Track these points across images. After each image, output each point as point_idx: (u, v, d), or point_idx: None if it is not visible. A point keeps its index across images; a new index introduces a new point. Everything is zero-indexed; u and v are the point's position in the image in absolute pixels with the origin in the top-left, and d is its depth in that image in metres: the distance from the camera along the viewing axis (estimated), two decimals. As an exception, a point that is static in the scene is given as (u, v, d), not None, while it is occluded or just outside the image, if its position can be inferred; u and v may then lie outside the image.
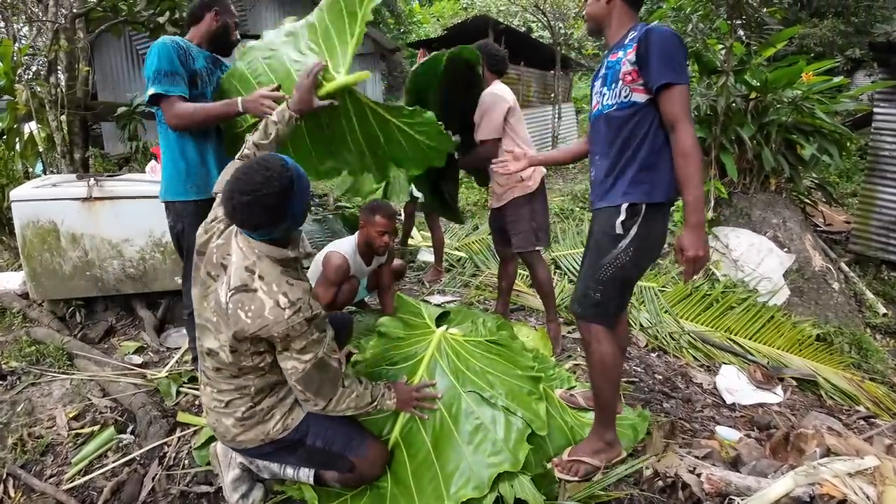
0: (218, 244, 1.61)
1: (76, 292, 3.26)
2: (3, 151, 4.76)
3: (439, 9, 20.62)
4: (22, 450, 2.24)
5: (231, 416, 1.63)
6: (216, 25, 2.35)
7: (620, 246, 1.85)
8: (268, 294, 1.48)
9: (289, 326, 1.46)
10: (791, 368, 3.61)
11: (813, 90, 5.45)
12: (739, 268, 4.96)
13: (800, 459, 1.98)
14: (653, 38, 1.72)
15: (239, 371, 1.59)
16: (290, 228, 1.58)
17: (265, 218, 1.46)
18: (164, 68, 2.09)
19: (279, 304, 1.47)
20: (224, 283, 1.53)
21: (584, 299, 1.96)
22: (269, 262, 1.53)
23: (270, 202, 1.44)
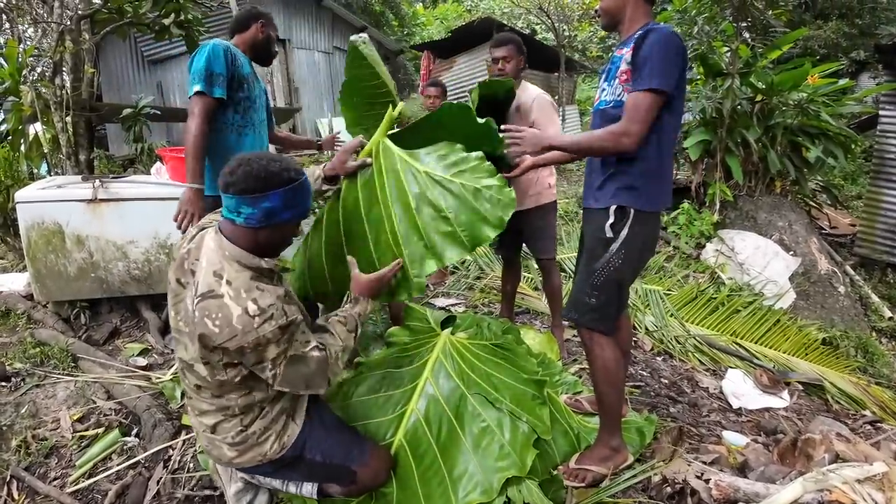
0: (189, 248, 1.52)
1: (81, 294, 3.26)
2: (8, 152, 4.77)
3: (443, 11, 20.65)
4: (26, 452, 2.23)
5: (223, 442, 1.55)
6: (261, 37, 2.55)
7: (611, 249, 1.85)
8: (235, 300, 1.37)
9: (259, 336, 1.35)
10: (797, 372, 3.59)
11: (818, 92, 5.44)
12: (745, 271, 4.94)
13: (808, 465, 1.96)
14: (650, 40, 1.70)
15: (219, 389, 1.49)
16: (266, 220, 1.44)
17: (251, 183, 1.40)
18: (211, 69, 2.25)
19: (248, 312, 1.35)
20: (190, 290, 1.44)
21: (581, 305, 1.95)
22: (238, 266, 1.43)
23: (263, 173, 1.41)
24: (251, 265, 1.45)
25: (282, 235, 1.52)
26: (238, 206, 1.42)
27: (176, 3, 4.94)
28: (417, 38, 17.55)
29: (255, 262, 1.46)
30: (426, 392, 2.06)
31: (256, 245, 1.48)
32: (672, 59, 1.70)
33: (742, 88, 5.31)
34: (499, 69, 2.90)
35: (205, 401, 1.53)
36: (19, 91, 4.74)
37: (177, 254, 1.56)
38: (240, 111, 2.45)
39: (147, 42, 9.34)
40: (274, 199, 1.42)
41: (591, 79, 18.16)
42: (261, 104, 2.60)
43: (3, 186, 4.45)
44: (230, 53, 2.33)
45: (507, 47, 2.87)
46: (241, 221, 1.44)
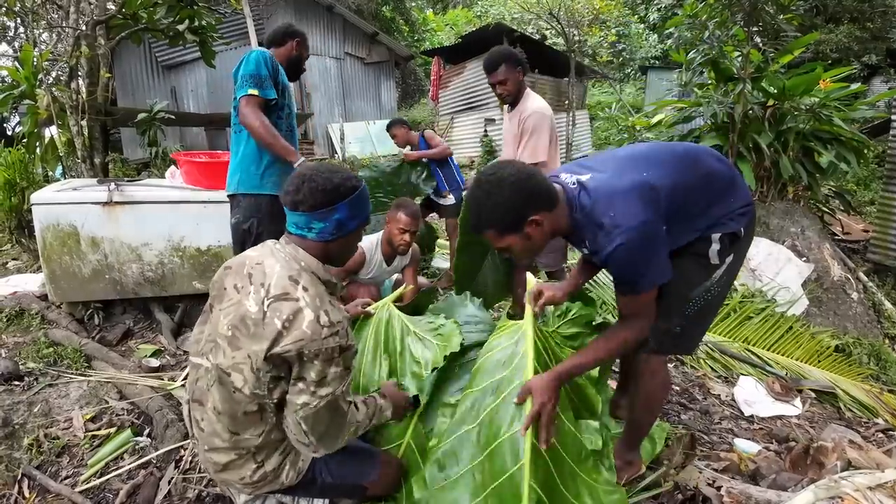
0: (250, 255, 1.52)
1: (95, 295, 3.30)
2: (23, 155, 4.85)
3: (453, 17, 20.73)
4: (38, 451, 2.25)
5: (238, 481, 1.51)
6: (294, 54, 2.71)
7: (714, 277, 1.67)
8: (310, 307, 1.35)
9: (322, 348, 1.33)
10: (810, 380, 3.55)
11: (830, 97, 5.39)
12: (757, 277, 4.90)
13: (820, 473, 1.94)
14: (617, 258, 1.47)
15: (239, 423, 1.43)
16: (337, 232, 1.48)
17: (320, 198, 1.42)
18: (255, 72, 2.39)
19: (319, 321, 1.34)
20: (253, 293, 1.40)
21: (661, 334, 1.70)
22: (313, 277, 1.45)
23: (329, 186, 1.43)
24: (324, 279, 1.48)
25: (349, 244, 1.56)
26: (309, 222, 1.45)
27: (190, 9, 5.01)
28: (427, 44, 17.62)
29: (327, 276, 1.49)
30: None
31: (326, 257, 1.51)
32: (658, 264, 1.50)
33: (753, 93, 5.28)
34: (499, 94, 2.82)
35: (218, 436, 1.46)
36: (35, 94, 4.81)
37: (233, 262, 1.54)
38: (282, 116, 2.60)
39: (161, 47, 9.46)
40: (342, 211, 1.46)
41: (601, 84, 18.15)
42: (294, 113, 2.76)
43: (19, 188, 4.52)
44: (274, 61, 2.49)
45: (501, 69, 2.74)
46: (313, 237, 1.47)
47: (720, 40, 5.25)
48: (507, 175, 1.46)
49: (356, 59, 13.18)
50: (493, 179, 1.47)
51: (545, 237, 1.54)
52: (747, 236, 1.71)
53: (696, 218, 1.60)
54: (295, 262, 1.45)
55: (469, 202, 1.54)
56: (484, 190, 1.48)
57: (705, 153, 1.70)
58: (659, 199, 1.48)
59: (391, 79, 14.37)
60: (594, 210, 1.48)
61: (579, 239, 1.59)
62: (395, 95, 14.93)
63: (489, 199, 1.46)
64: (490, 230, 1.51)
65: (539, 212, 1.47)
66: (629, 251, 1.43)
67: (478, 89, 11.93)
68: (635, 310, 1.57)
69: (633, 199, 1.45)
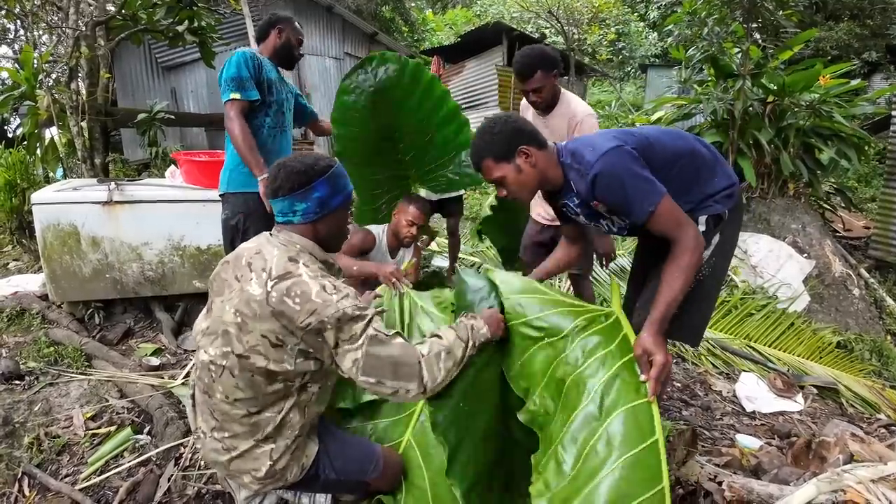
0: (246, 247, 1.53)
1: (95, 294, 3.30)
2: (24, 156, 4.85)
3: (452, 16, 20.72)
4: (38, 449, 2.26)
5: (250, 472, 1.49)
6: (279, 41, 2.65)
7: (703, 257, 1.65)
8: (312, 279, 1.39)
9: (339, 309, 1.35)
10: (811, 376, 3.54)
11: (830, 93, 5.38)
12: (759, 274, 4.89)
13: (822, 467, 1.93)
14: (602, 186, 1.56)
15: (260, 402, 1.44)
16: (321, 210, 1.51)
17: (296, 179, 1.48)
18: (235, 75, 2.40)
19: (325, 290, 1.37)
20: (255, 278, 1.41)
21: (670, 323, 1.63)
22: (311, 256, 1.50)
23: (303, 167, 1.49)
24: (321, 258, 1.52)
25: (337, 224, 1.58)
26: (291, 205, 1.50)
27: (189, 10, 5.01)
28: (427, 44, 17.60)
29: (324, 255, 1.54)
30: None
31: (317, 239, 1.54)
32: (639, 177, 1.55)
33: (753, 90, 5.27)
34: (533, 101, 2.60)
35: (236, 421, 1.45)
36: (35, 96, 4.82)
37: (230, 256, 1.57)
38: (270, 114, 2.60)
39: (161, 48, 9.45)
40: (321, 189, 1.50)
41: (600, 82, 18.13)
42: (288, 107, 2.74)
43: (20, 189, 4.53)
44: (255, 60, 2.49)
45: (538, 75, 2.49)
46: (298, 220, 1.51)
47: (719, 37, 5.24)
48: (499, 117, 1.73)
49: (356, 59, 13.13)
50: (489, 122, 1.71)
51: (536, 174, 1.70)
52: (734, 220, 1.77)
53: (683, 186, 1.67)
54: (291, 245, 1.49)
55: (471, 144, 1.74)
56: (482, 130, 1.71)
57: (692, 136, 1.82)
58: (634, 143, 1.62)
59: (391, 79, 14.37)
60: (575, 152, 1.66)
61: (568, 188, 1.73)
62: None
63: (486, 134, 1.69)
64: (487, 160, 1.70)
65: (528, 145, 1.67)
66: (607, 178, 1.55)
67: (477, 88, 11.92)
68: (669, 224, 1.56)
69: (604, 139, 1.62)
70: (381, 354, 1.39)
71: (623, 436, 1.34)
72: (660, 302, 1.53)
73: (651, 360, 1.42)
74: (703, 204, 1.69)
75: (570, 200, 1.78)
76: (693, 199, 1.69)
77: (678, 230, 1.55)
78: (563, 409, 1.49)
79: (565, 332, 1.62)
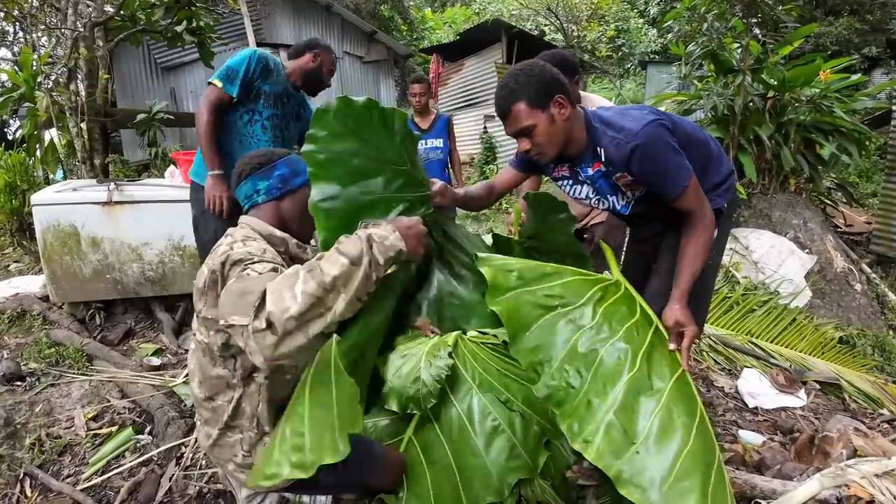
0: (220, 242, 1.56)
1: (96, 295, 3.30)
2: (24, 158, 4.85)
3: (451, 15, 20.69)
4: (40, 450, 2.26)
5: (231, 460, 1.53)
6: (312, 66, 2.62)
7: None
8: (228, 243, 1.42)
9: (225, 254, 1.34)
10: (814, 372, 3.53)
11: (831, 88, 5.36)
12: (760, 269, 4.88)
13: (826, 462, 1.93)
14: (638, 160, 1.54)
15: (211, 387, 1.46)
16: (283, 186, 1.57)
17: (257, 160, 1.56)
18: (232, 66, 2.39)
19: (232, 246, 1.38)
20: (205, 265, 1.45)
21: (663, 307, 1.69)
22: (248, 230, 1.51)
23: (265, 152, 1.59)
24: (262, 231, 1.52)
25: (302, 203, 1.57)
26: (255, 185, 1.56)
27: (188, 10, 5.00)
28: (426, 43, 17.59)
29: (266, 228, 1.53)
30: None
31: (282, 217, 1.58)
32: (677, 153, 1.56)
33: (753, 85, 5.25)
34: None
35: (202, 405, 1.51)
36: (35, 97, 4.82)
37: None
38: (244, 119, 2.52)
39: (160, 49, 9.45)
40: (282, 167, 1.57)
41: (600, 79, 18.10)
42: (272, 126, 2.59)
43: (20, 191, 4.53)
44: (261, 64, 2.44)
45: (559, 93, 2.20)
46: (262, 199, 1.56)
47: (719, 32, 5.22)
48: (536, 62, 1.62)
49: (355, 57, 13.15)
50: (525, 65, 1.60)
51: (565, 129, 1.60)
52: (728, 215, 1.80)
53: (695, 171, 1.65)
54: (246, 229, 1.52)
55: (500, 86, 1.60)
56: (517, 71, 1.58)
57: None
58: (666, 120, 1.58)
59: (390, 77, 14.35)
60: (611, 121, 1.59)
61: (588, 156, 1.66)
62: (394, 94, 14.90)
63: (521, 76, 1.55)
64: (519, 103, 1.55)
65: (564, 94, 1.56)
66: (650, 150, 1.51)
67: (477, 86, 11.90)
68: (696, 200, 1.59)
69: (642, 111, 1.59)
70: (232, 288, 1.18)
71: (683, 405, 1.40)
72: (684, 274, 1.57)
73: (682, 332, 1.48)
74: (708, 195, 1.69)
75: (584, 169, 1.71)
76: (704, 183, 1.69)
77: (702, 207, 1.59)
78: (597, 379, 1.44)
79: (582, 302, 1.57)
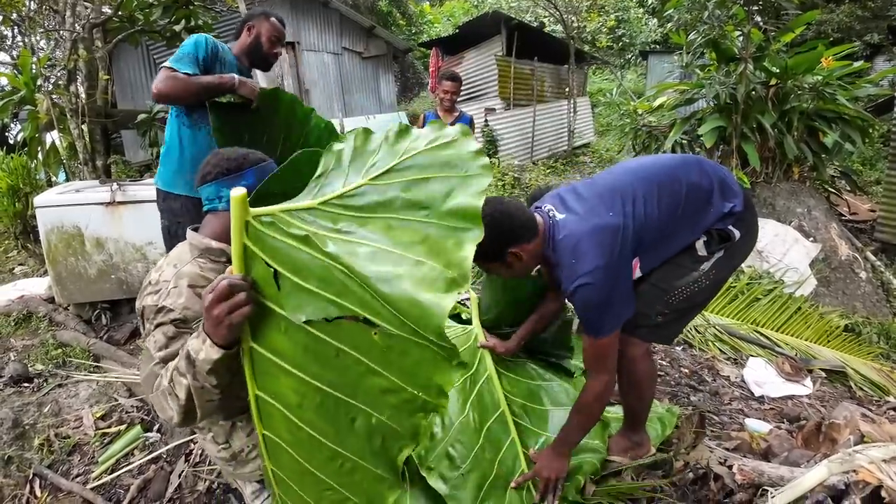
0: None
1: (101, 295, 3.31)
2: (25, 161, 4.86)
3: (450, 8, 20.61)
4: (48, 450, 2.27)
5: (216, 455, 1.55)
6: (248, 40, 2.42)
7: (702, 269, 1.69)
8: (155, 271, 1.42)
9: (140, 306, 1.37)
10: (820, 360, 3.53)
11: (833, 75, 5.33)
12: (765, 258, 4.87)
13: (833, 449, 1.92)
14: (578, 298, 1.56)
15: None
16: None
17: (226, 165, 1.43)
18: (183, 51, 2.18)
19: (150, 281, 1.39)
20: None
21: (642, 319, 1.74)
22: (185, 247, 1.46)
23: (235, 155, 1.46)
24: (200, 246, 1.44)
25: None
26: (218, 190, 1.44)
27: (186, 9, 4.99)
28: (425, 37, 17.51)
29: (203, 242, 1.44)
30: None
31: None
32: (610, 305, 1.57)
33: (756, 73, 5.23)
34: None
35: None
36: (35, 100, 4.82)
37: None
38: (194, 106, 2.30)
39: (159, 49, 9.43)
40: (249, 177, 1.43)
41: (601, 70, 18.03)
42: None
43: (22, 194, 4.53)
44: (211, 46, 2.24)
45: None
46: (223, 206, 1.45)
47: (720, 20, 5.19)
48: (485, 212, 1.49)
49: (354, 53, 13.11)
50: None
51: (527, 265, 1.68)
52: (743, 241, 1.72)
53: (680, 232, 1.68)
54: (181, 249, 1.48)
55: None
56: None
57: (687, 168, 1.71)
58: (624, 237, 1.56)
59: (390, 72, 14.31)
60: (559, 250, 1.60)
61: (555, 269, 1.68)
62: (394, 89, 14.86)
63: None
64: (475, 261, 1.57)
65: (517, 245, 1.61)
66: (588, 292, 1.53)
67: (477, 79, 11.86)
68: (598, 355, 1.63)
69: (592, 245, 1.54)
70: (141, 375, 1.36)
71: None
72: (571, 427, 1.71)
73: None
74: (718, 223, 1.68)
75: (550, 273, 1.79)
76: (699, 229, 1.68)
77: (598, 369, 1.64)
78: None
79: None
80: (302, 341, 1.01)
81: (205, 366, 1.12)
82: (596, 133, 13.13)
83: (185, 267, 1.38)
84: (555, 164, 10.75)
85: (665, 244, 1.68)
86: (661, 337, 1.87)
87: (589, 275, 1.52)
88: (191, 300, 1.32)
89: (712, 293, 1.80)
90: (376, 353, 0.98)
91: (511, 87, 11.18)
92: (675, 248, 1.69)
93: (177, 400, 1.20)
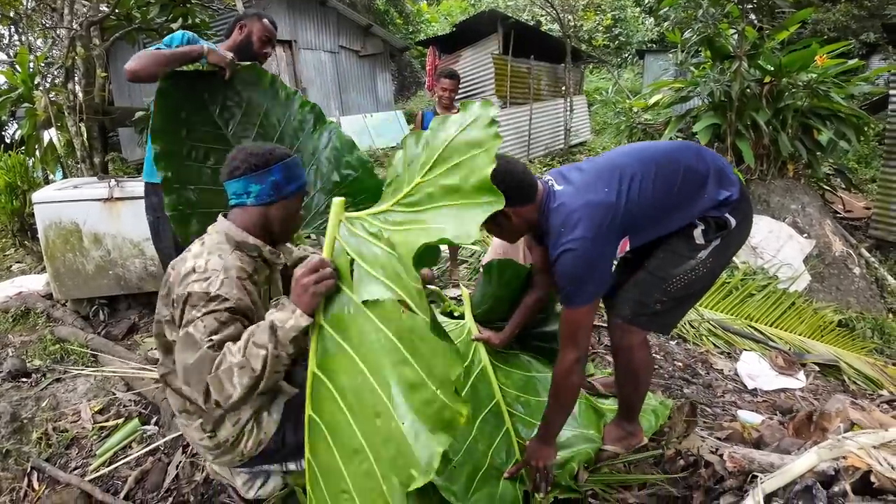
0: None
1: (99, 291, 3.32)
2: (23, 158, 4.87)
3: (447, 7, 20.63)
4: (47, 444, 2.28)
5: (198, 442, 1.56)
6: (239, 38, 2.45)
7: (699, 257, 1.71)
8: (194, 257, 1.41)
9: (185, 292, 1.36)
10: (813, 354, 3.55)
11: (828, 73, 5.36)
12: (759, 254, 4.90)
13: (824, 437, 1.95)
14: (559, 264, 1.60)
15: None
16: (275, 194, 1.49)
17: (254, 161, 1.46)
18: (167, 43, 2.21)
19: (194, 269, 1.38)
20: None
21: (640, 307, 1.76)
22: (221, 236, 1.48)
23: (263, 150, 1.49)
24: (237, 238, 1.49)
25: (288, 212, 1.56)
26: (247, 186, 1.48)
27: (183, 7, 5.01)
28: (422, 35, 17.52)
29: (241, 235, 1.49)
30: None
31: (267, 223, 1.53)
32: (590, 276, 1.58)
33: (750, 71, 5.26)
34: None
35: (169, 395, 1.59)
36: (32, 98, 4.83)
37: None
38: None
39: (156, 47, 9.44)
40: (277, 173, 1.48)
41: (598, 69, 18.06)
42: None
43: (20, 191, 4.54)
44: (184, 40, 2.24)
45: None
46: (251, 201, 1.49)
47: (715, 18, 5.23)
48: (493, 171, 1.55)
49: (351, 52, 13.12)
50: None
51: (517, 227, 1.71)
52: (739, 229, 1.74)
53: (673, 213, 1.69)
54: (213, 226, 1.52)
55: None
56: None
57: (686, 152, 1.75)
58: (615, 215, 1.59)
59: (387, 71, 14.32)
60: (551, 218, 1.64)
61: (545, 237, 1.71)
62: (391, 88, 14.87)
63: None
64: None
65: (510, 206, 1.54)
66: (572, 259, 1.56)
67: (474, 78, 11.87)
68: (570, 328, 1.64)
69: (583, 217, 1.58)
70: (184, 362, 1.32)
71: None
72: (551, 418, 1.73)
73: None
74: (713, 210, 1.69)
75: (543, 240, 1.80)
76: (692, 213, 1.69)
77: (568, 344, 1.65)
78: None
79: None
80: (359, 324, 1.20)
81: (290, 333, 1.27)
82: (592, 131, 13.17)
83: (229, 258, 1.44)
84: (551, 162, 10.79)
85: (657, 223, 1.70)
86: (659, 325, 1.89)
87: (574, 242, 1.56)
88: (241, 292, 1.40)
89: (710, 281, 1.82)
90: (406, 336, 1.13)
91: (508, 85, 11.20)
92: (668, 229, 1.71)
93: (250, 373, 1.27)
